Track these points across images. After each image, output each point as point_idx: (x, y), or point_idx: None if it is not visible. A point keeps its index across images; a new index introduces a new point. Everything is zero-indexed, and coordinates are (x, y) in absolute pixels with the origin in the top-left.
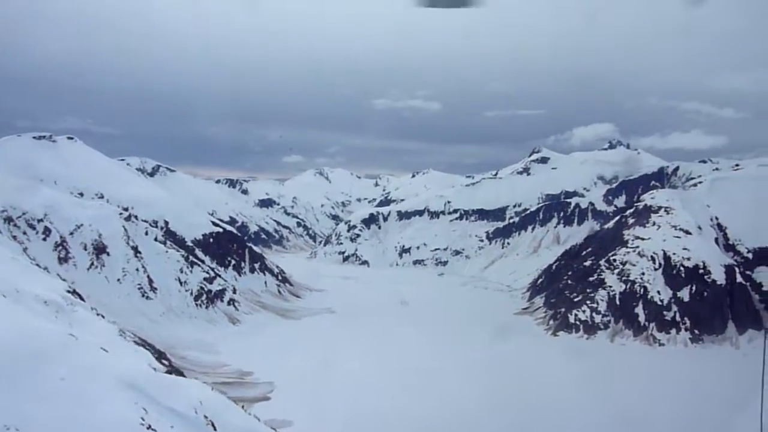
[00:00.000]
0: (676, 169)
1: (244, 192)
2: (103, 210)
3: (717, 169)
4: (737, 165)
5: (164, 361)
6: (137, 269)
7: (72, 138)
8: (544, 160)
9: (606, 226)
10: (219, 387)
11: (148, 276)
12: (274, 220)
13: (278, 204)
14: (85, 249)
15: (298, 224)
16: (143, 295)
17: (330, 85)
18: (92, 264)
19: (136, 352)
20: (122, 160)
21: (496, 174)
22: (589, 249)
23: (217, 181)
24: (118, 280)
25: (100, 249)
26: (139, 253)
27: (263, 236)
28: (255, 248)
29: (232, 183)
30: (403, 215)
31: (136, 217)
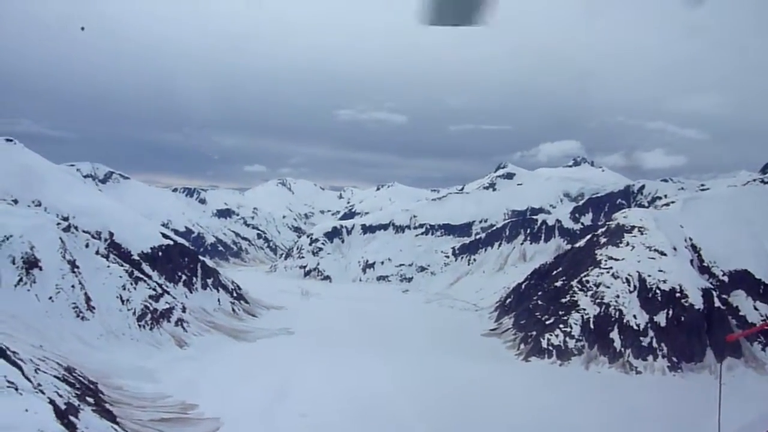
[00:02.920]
0: (642, 187)
1: (202, 201)
2: (38, 219)
3: (683, 188)
4: (703, 185)
5: (88, 399)
6: (73, 286)
7: (11, 140)
8: (510, 176)
9: (577, 245)
10: (157, 424)
11: (85, 293)
12: (233, 232)
13: (237, 214)
14: (14, 263)
15: (258, 236)
16: (78, 315)
17: (294, 94)
18: (21, 280)
19: (28, 410)
20: (72, 165)
21: (462, 189)
22: (560, 268)
23: (174, 190)
24: (50, 298)
25: (31, 263)
26: (77, 267)
27: (220, 248)
28: (209, 262)
29: (189, 192)
30: (368, 229)
31: (76, 227)
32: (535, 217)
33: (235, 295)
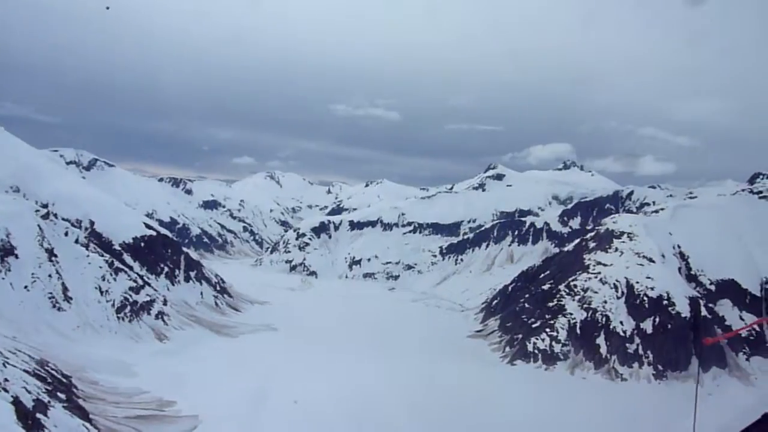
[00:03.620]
0: (631, 193)
1: (188, 192)
2: (15, 205)
3: (671, 195)
4: (691, 193)
5: (60, 395)
6: (50, 275)
7: None
8: (499, 177)
9: (566, 249)
10: (132, 422)
11: (62, 283)
12: (219, 224)
13: (224, 206)
14: None
15: (245, 229)
16: (54, 306)
17: (288, 87)
18: None
19: None
20: (55, 151)
21: (451, 188)
22: (548, 272)
23: (160, 180)
24: (26, 287)
25: (6, 250)
26: (55, 256)
27: (205, 240)
28: (193, 254)
29: (175, 182)
30: (355, 225)
31: (55, 215)
32: (523, 219)
33: (218, 288)
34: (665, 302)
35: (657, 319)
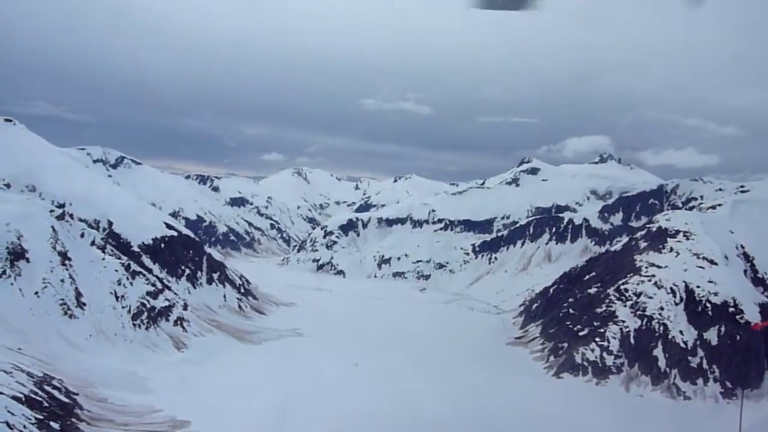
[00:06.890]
0: (676, 187)
1: (215, 189)
2: (29, 206)
3: (721, 189)
4: (743, 186)
5: (53, 425)
6: (62, 280)
7: (10, 120)
8: (534, 171)
9: (613, 249)
10: None
11: (76, 289)
12: (246, 221)
13: (251, 203)
14: None
15: (272, 226)
16: (66, 313)
17: (317, 81)
18: (4, 272)
19: None
20: (82, 149)
21: (483, 183)
22: (593, 273)
23: (187, 177)
24: (36, 293)
25: (17, 254)
26: (69, 259)
27: (232, 238)
28: (218, 254)
29: (202, 179)
30: (384, 222)
31: (71, 215)
32: (560, 215)
33: (242, 290)
34: (732, 309)
35: (723, 329)
